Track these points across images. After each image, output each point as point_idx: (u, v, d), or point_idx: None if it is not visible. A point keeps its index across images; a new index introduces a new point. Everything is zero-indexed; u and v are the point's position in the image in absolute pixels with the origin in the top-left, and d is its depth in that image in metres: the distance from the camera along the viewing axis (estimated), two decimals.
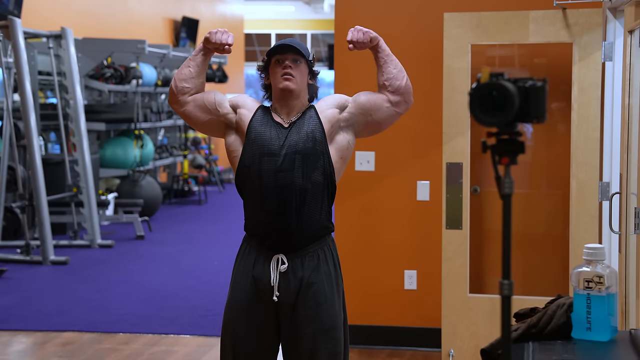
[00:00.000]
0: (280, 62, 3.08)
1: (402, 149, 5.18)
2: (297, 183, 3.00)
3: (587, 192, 4.41)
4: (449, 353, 4.64)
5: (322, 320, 3.04)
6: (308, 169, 3.02)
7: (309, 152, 3.03)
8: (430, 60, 5.05)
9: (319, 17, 19.58)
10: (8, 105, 8.08)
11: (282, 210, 3.01)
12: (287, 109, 3.11)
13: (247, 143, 3.07)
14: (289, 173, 3.00)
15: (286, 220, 3.01)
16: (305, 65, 3.11)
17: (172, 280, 7.29)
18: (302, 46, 3.11)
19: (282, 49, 3.07)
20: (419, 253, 5.21)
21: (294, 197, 3.00)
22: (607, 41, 4.34)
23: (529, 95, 1.82)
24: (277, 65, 3.09)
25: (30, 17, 9.61)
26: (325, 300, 3.04)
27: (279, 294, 3.03)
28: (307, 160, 3.02)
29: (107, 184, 11.11)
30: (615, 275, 2.45)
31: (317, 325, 3.04)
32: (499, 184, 1.84)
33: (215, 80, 14.04)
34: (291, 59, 3.07)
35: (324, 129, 3.07)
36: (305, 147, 3.03)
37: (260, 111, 3.14)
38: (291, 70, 3.06)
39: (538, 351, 2.34)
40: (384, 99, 3.13)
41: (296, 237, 3.02)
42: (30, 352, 5.51)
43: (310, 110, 3.11)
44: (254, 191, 3.05)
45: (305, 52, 3.10)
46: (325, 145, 3.06)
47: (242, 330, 3.09)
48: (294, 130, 3.05)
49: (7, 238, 8.80)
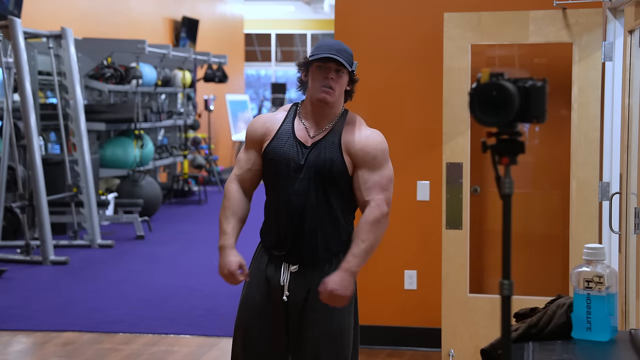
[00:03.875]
0: (322, 68, 3.00)
1: (402, 149, 5.18)
2: (311, 207, 3.01)
3: (587, 192, 4.41)
4: (449, 353, 4.64)
5: (328, 324, 3.03)
6: (324, 193, 3.01)
7: (325, 177, 3.00)
8: (430, 60, 5.05)
9: (319, 17, 19.58)
10: (8, 105, 8.08)
11: (297, 233, 3.03)
12: (318, 117, 3.07)
13: (268, 163, 3.07)
14: (303, 197, 3.01)
15: (301, 245, 3.03)
16: (347, 75, 3.04)
17: (172, 280, 7.29)
18: (346, 55, 3.02)
19: (326, 59, 2.99)
20: (419, 253, 5.21)
21: (309, 221, 3.01)
22: (607, 41, 4.34)
23: (529, 95, 1.82)
24: (318, 71, 3.01)
25: (30, 17, 9.61)
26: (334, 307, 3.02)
27: (289, 294, 3.05)
28: (324, 185, 3.01)
29: (107, 184, 11.11)
30: (615, 275, 2.45)
31: (323, 328, 3.03)
32: (499, 184, 1.84)
33: (215, 80, 14.03)
34: (334, 69, 3.00)
35: (344, 158, 3.02)
36: (322, 173, 3.00)
37: (284, 128, 3.08)
38: (332, 82, 3.00)
39: (538, 351, 2.34)
40: (363, 196, 3.02)
41: (310, 260, 3.05)
42: (30, 352, 5.51)
43: (336, 129, 3.05)
44: (270, 208, 3.12)
45: (349, 61, 3.02)
46: (344, 170, 3.01)
47: (255, 330, 3.11)
48: (313, 152, 3.02)
49: (7, 238, 8.80)
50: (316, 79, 3.00)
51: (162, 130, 12.92)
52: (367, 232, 2.96)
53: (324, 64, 2.99)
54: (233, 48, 18.17)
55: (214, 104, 14.62)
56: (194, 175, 13.10)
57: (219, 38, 17.19)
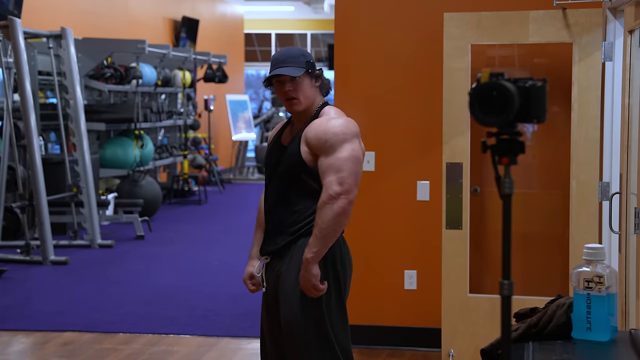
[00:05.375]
0: (279, 83, 3.14)
1: (402, 149, 5.18)
2: (277, 202, 3.19)
3: (587, 192, 4.41)
4: (449, 353, 4.64)
5: (289, 310, 3.12)
6: (286, 188, 3.17)
7: (286, 171, 3.15)
8: (430, 60, 5.05)
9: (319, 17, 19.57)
10: (8, 105, 8.08)
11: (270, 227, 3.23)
12: (299, 120, 3.22)
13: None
14: (274, 193, 3.21)
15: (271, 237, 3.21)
16: (305, 75, 3.13)
17: (172, 280, 7.29)
18: (294, 60, 3.12)
19: (276, 76, 3.13)
20: (419, 253, 5.20)
21: (275, 215, 3.20)
22: (607, 41, 4.34)
23: (529, 95, 1.82)
24: (277, 86, 3.16)
25: (30, 17, 9.60)
26: (290, 293, 3.11)
27: (266, 285, 3.23)
28: (287, 180, 3.16)
29: (107, 184, 11.11)
30: (615, 275, 2.45)
31: (285, 314, 3.13)
32: (499, 184, 1.84)
33: (215, 80, 14.03)
34: (289, 80, 3.12)
35: (301, 150, 3.13)
36: (284, 168, 3.16)
37: (278, 133, 3.31)
38: (292, 92, 3.12)
39: (538, 351, 2.34)
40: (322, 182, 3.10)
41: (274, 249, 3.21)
42: (30, 352, 5.51)
43: (306, 125, 3.17)
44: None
45: (299, 65, 3.11)
46: (300, 162, 3.12)
47: (263, 325, 3.29)
48: (286, 152, 3.17)
49: (7, 238, 8.80)
50: (279, 94, 3.18)
51: (162, 130, 12.92)
52: (318, 217, 3.05)
53: (278, 79, 3.14)
54: (233, 48, 18.16)
55: (214, 104, 14.62)
56: (194, 175, 13.10)
57: (219, 38, 17.19)
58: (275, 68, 3.12)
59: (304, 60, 3.12)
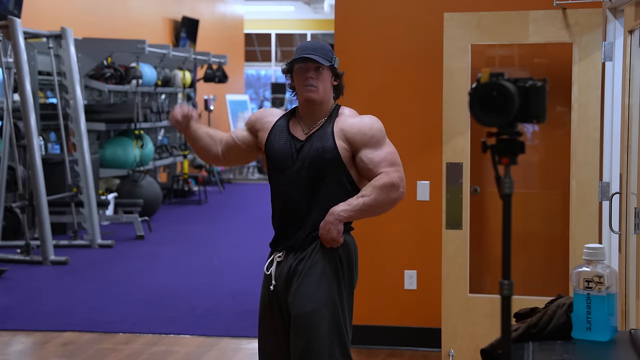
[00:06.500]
0: (302, 69, 3.14)
1: (402, 149, 5.15)
2: (303, 197, 3.13)
3: (587, 192, 4.41)
4: (449, 353, 4.64)
5: (302, 304, 3.10)
6: (316, 183, 3.12)
7: (318, 165, 3.11)
8: (430, 60, 5.05)
9: (319, 17, 19.58)
10: (8, 105, 8.08)
11: (291, 222, 3.17)
12: (312, 115, 3.19)
13: (267, 160, 3.24)
14: (296, 187, 3.14)
15: (292, 233, 3.16)
16: (328, 70, 3.16)
17: (172, 280, 7.29)
18: (323, 52, 3.14)
19: (303, 60, 3.12)
20: (419, 253, 5.20)
21: (301, 210, 3.14)
22: (607, 41, 4.34)
23: (529, 95, 1.82)
24: (299, 73, 3.15)
25: (30, 17, 9.60)
26: (314, 290, 3.09)
27: (275, 283, 3.18)
28: (317, 175, 3.12)
29: (107, 184, 11.11)
30: (615, 275, 2.45)
31: (296, 309, 3.11)
32: (499, 184, 1.84)
33: (215, 80, 14.03)
34: (313, 68, 3.13)
35: (337, 144, 3.12)
36: (314, 162, 3.11)
37: (279, 124, 3.23)
38: (313, 80, 3.12)
39: (538, 351, 2.34)
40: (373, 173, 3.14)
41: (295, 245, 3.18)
42: (30, 352, 5.51)
43: (330, 121, 3.16)
44: (273, 203, 3.25)
45: (326, 57, 3.13)
46: (337, 156, 3.11)
47: (264, 325, 3.26)
48: (307, 145, 3.14)
49: (7, 238, 8.80)
50: (299, 80, 3.15)
51: (162, 130, 12.92)
52: (370, 189, 3.08)
53: (303, 65, 3.14)
54: (233, 48, 18.16)
55: (214, 104, 14.61)
56: (194, 175, 13.10)
57: (219, 38, 17.19)
58: (301, 54, 3.13)
59: (331, 56, 3.17)
